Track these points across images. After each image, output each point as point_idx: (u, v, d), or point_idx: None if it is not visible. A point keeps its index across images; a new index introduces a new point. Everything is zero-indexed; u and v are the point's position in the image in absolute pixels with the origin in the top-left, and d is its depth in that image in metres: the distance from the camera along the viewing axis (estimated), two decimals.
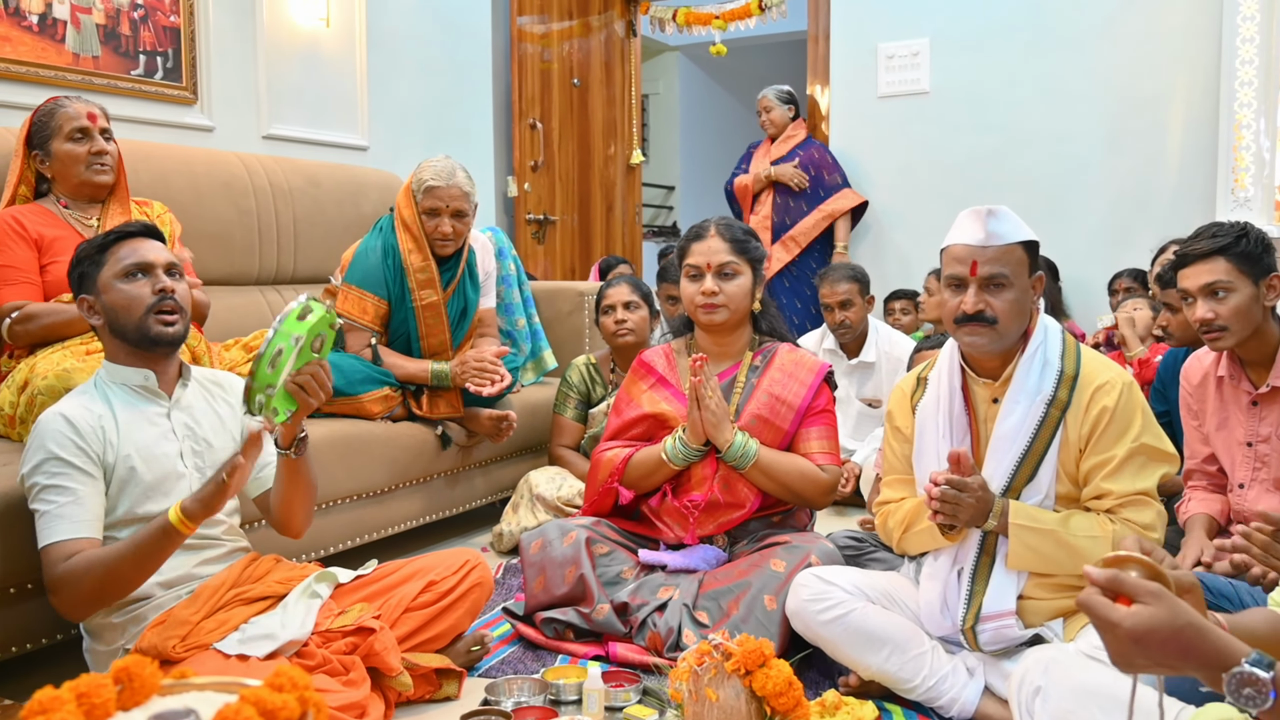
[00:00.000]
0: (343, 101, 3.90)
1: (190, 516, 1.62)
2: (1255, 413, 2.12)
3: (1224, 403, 2.18)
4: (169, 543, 1.64)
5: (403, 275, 2.81)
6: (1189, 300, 2.10)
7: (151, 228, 1.84)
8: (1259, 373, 2.11)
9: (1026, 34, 4.55)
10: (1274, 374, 2.07)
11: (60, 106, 2.33)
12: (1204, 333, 2.07)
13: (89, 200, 2.38)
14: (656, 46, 7.61)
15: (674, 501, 2.27)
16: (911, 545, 1.95)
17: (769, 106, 4.84)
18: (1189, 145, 4.28)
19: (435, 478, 2.93)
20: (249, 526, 2.26)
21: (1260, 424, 2.11)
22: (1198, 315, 2.06)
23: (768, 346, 2.36)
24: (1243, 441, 2.13)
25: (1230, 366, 2.17)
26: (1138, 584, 0.92)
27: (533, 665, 2.11)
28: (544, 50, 5.01)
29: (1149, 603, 0.91)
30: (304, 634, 1.72)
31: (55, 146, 2.32)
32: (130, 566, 1.63)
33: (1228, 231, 2.08)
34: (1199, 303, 2.06)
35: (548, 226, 5.11)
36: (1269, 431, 2.09)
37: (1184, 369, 2.31)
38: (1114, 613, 0.91)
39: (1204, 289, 2.05)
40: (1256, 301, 2.05)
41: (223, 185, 2.98)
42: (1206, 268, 2.06)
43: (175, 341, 1.79)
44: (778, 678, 1.48)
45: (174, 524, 1.61)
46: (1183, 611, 0.91)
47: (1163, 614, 0.90)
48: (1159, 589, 0.92)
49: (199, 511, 1.62)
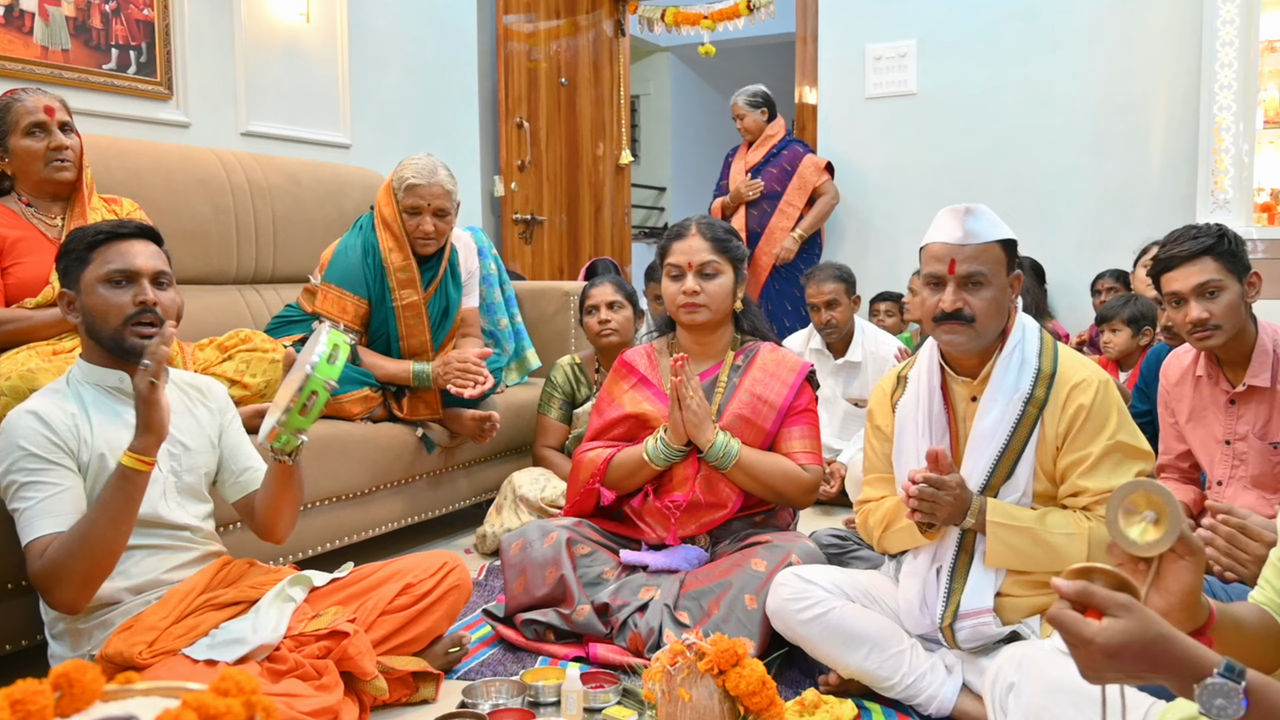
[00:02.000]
0: (324, 98, 3.87)
1: (143, 450, 1.58)
2: (1233, 411, 2.13)
3: (1202, 401, 2.19)
4: (134, 488, 1.59)
5: (383, 274, 2.78)
6: (1178, 303, 2.10)
7: (149, 230, 1.79)
8: (1236, 372, 2.12)
9: (1012, 37, 4.56)
10: (1250, 373, 2.08)
11: (16, 100, 2.26)
12: (1196, 333, 2.07)
13: (52, 198, 2.32)
14: (648, 47, 7.59)
15: (656, 502, 2.26)
16: (891, 543, 1.95)
17: (740, 114, 4.71)
18: (1170, 148, 4.30)
19: (417, 479, 2.91)
20: (224, 529, 2.24)
21: (1238, 422, 2.12)
22: (1192, 316, 2.06)
23: (749, 346, 2.35)
24: (1221, 440, 2.14)
25: (1208, 366, 2.18)
26: (1107, 596, 0.92)
27: (513, 667, 2.09)
28: (531, 49, 5.00)
29: (1119, 615, 0.90)
30: (276, 638, 1.70)
31: (13, 142, 2.25)
32: (107, 527, 1.58)
33: (1208, 232, 2.08)
34: (1191, 304, 2.06)
35: (535, 226, 5.09)
36: (1246, 430, 2.10)
37: (1164, 367, 2.32)
38: (1086, 629, 0.91)
39: (1196, 289, 2.05)
40: (1242, 299, 2.06)
41: (199, 183, 2.95)
42: (1196, 268, 2.06)
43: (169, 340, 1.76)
44: (751, 677, 1.46)
45: (130, 466, 1.57)
46: (1153, 623, 0.90)
47: (1134, 627, 0.90)
48: (1128, 600, 0.91)
49: (149, 442, 1.58)
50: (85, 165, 2.35)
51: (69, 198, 2.34)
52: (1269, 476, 2.06)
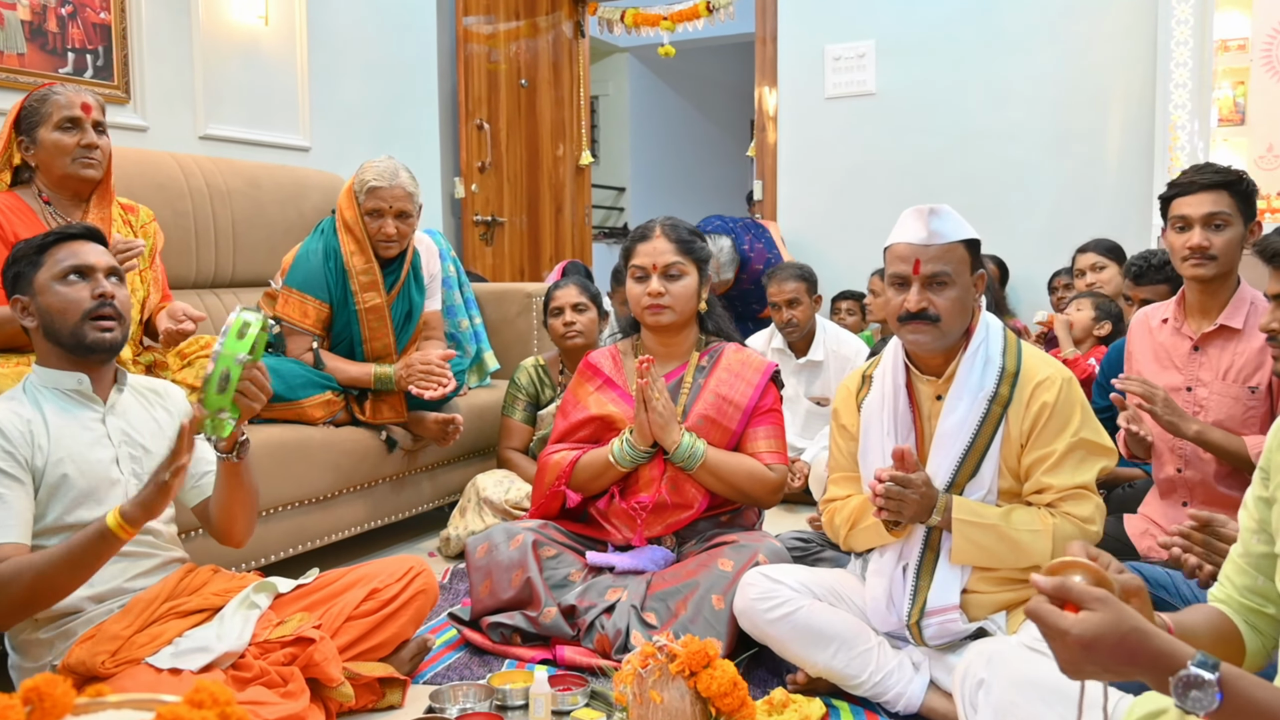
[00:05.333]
0: (283, 101, 3.82)
1: (131, 521, 1.55)
2: (1195, 358, 2.18)
3: (1164, 350, 2.24)
4: (106, 548, 1.57)
5: (345, 278, 2.76)
6: (1182, 229, 2.14)
7: (94, 231, 1.78)
8: (1200, 321, 2.18)
9: (970, 37, 4.62)
10: (1225, 314, 2.14)
11: (53, 93, 2.22)
12: (1192, 259, 2.12)
13: (72, 196, 2.27)
14: (606, 48, 7.59)
15: (622, 503, 2.26)
16: (857, 541, 1.96)
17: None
18: (1127, 146, 4.39)
19: (380, 483, 2.89)
20: (186, 536, 2.20)
21: (1200, 369, 2.17)
22: (1194, 241, 2.11)
23: (714, 346, 2.36)
24: (1181, 387, 2.19)
25: (1176, 311, 2.24)
26: (1084, 590, 0.93)
27: (479, 671, 2.08)
28: (491, 50, 4.97)
29: (1095, 609, 0.92)
30: (240, 646, 1.68)
31: (43, 134, 2.21)
32: (63, 572, 1.56)
33: (1227, 171, 2.15)
34: (1196, 230, 2.11)
35: (496, 228, 5.07)
36: (1210, 376, 2.15)
37: (1131, 324, 2.37)
38: (1062, 620, 0.92)
39: (1205, 218, 2.11)
40: (1241, 242, 2.13)
41: (157, 187, 2.90)
42: (1211, 198, 2.12)
43: (113, 348, 1.74)
44: (722, 678, 1.47)
45: (113, 529, 1.54)
46: (1128, 616, 0.92)
47: (1109, 619, 0.91)
48: (1105, 594, 0.93)
49: (139, 515, 1.55)
50: (111, 167, 2.32)
51: (89, 199, 2.29)
52: (1234, 420, 2.11)
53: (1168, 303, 2.29)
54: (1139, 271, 2.94)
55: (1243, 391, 2.11)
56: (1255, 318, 2.12)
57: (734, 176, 9.43)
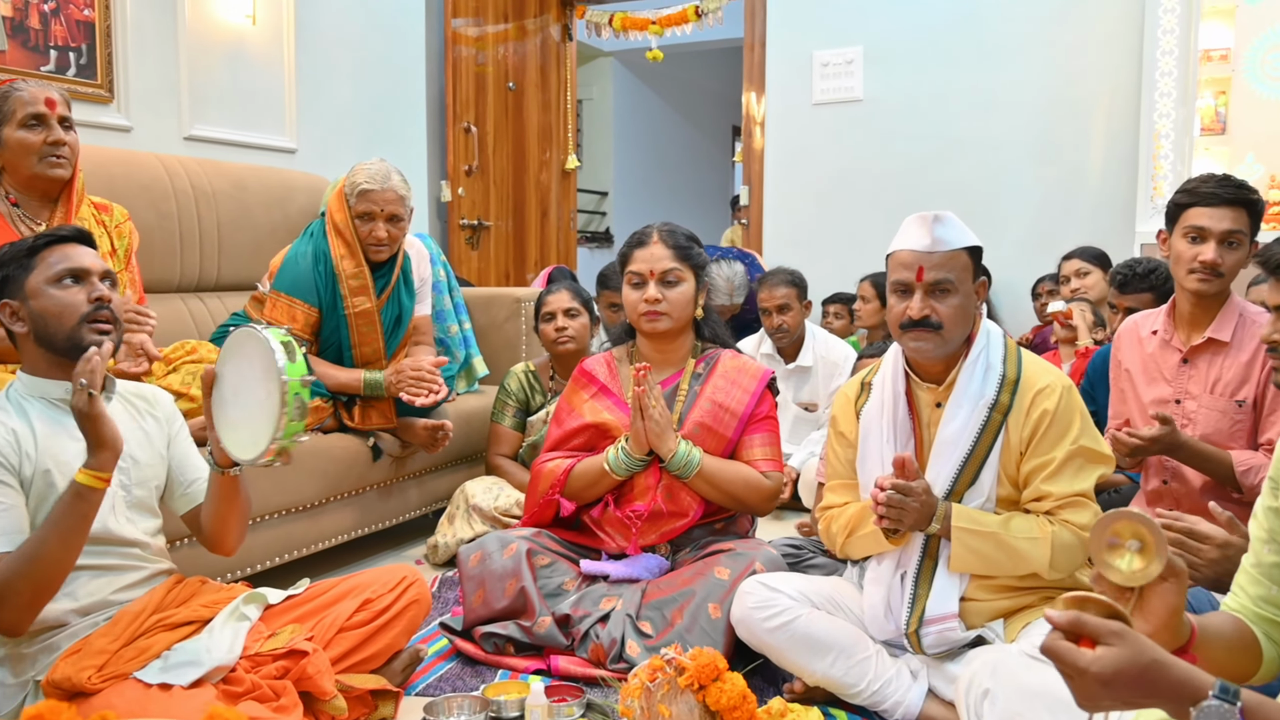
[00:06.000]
0: (270, 102, 3.77)
1: (99, 467, 1.53)
2: (1184, 371, 2.17)
3: (1154, 362, 2.23)
4: (88, 506, 1.54)
5: (334, 282, 2.72)
6: (1195, 239, 2.09)
7: (84, 233, 1.73)
8: (1189, 333, 2.17)
9: (957, 45, 4.64)
10: (1214, 326, 2.12)
11: (15, 90, 2.15)
12: (1200, 273, 2.08)
13: (41, 197, 2.21)
14: (591, 52, 7.57)
15: (616, 511, 2.24)
16: (855, 549, 1.95)
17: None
18: (1111, 154, 4.42)
19: (368, 490, 2.85)
20: (173, 545, 2.16)
21: (1189, 382, 2.16)
22: (1209, 257, 2.06)
23: (710, 353, 2.34)
24: (1170, 399, 2.18)
25: (1166, 323, 2.22)
26: (1099, 625, 0.92)
27: (472, 682, 2.05)
28: (479, 53, 4.94)
29: (1112, 644, 0.91)
30: (231, 659, 1.64)
31: (7, 133, 2.13)
32: (57, 546, 1.52)
33: (1249, 188, 2.10)
34: (1211, 244, 2.07)
35: (482, 232, 5.03)
36: (1198, 390, 2.14)
37: (1119, 333, 2.35)
38: (1080, 658, 0.91)
39: (1224, 234, 2.07)
40: (1247, 261, 2.10)
41: (141, 188, 2.85)
42: (1231, 214, 2.07)
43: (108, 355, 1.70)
44: (732, 692, 1.45)
45: (85, 484, 1.52)
46: (1146, 649, 0.91)
47: (1127, 654, 0.90)
48: (1120, 628, 0.92)
49: (105, 458, 1.53)
50: (79, 167, 2.25)
51: (58, 199, 2.22)
52: (1221, 434, 2.10)
53: (1156, 312, 2.28)
54: (1124, 280, 2.95)
55: (1230, 405, 2.10)
56: (1243, 330, 2.11)
57: (716, 182, 9.43)
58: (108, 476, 1.54)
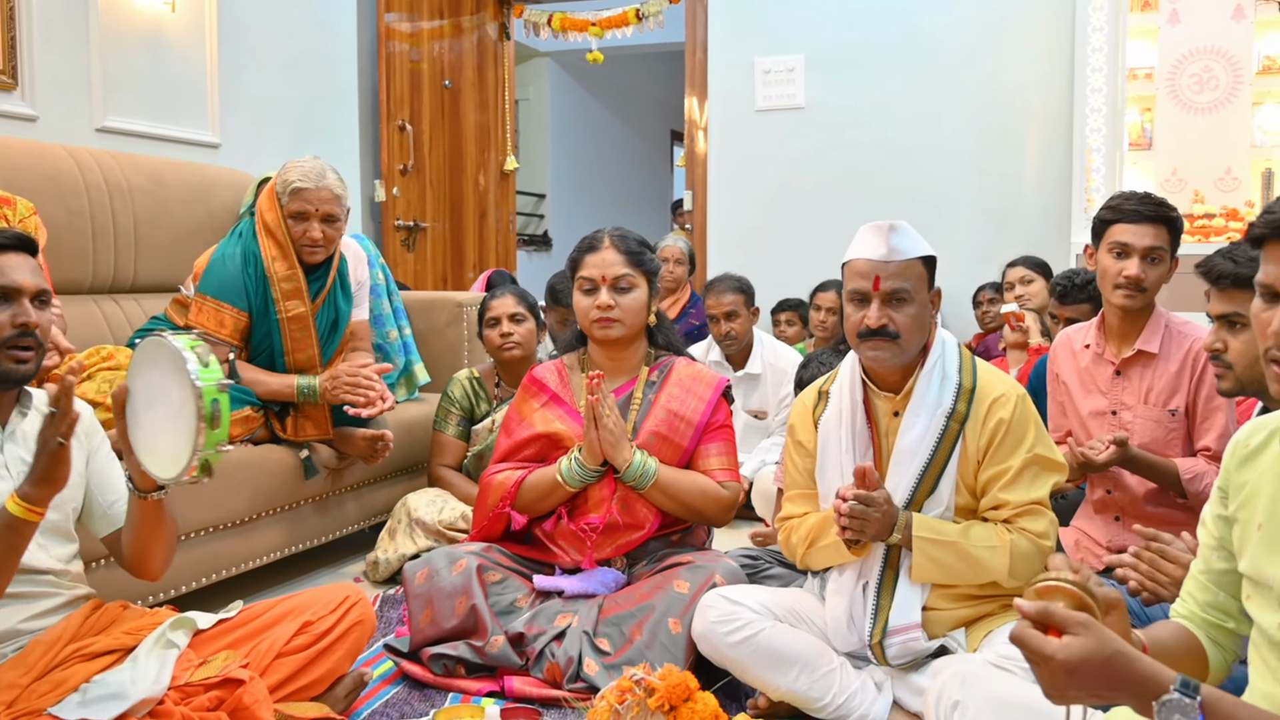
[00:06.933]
0: (190, 94, 3.59)
1: (34, 500, 1.42)
2: (1118, 382, 2.22)
3: (1089, 376, 2.27)
4: (19, 539, 1.44)
5: (265, 285, 2.58)
6: (1120, 255, 2.16)
7: (26, 240, 1.59)
8: (1120, 345, 2.22)
9: (897, 56, 4.69)
10: (1142, 338, 2.18)
11: None
12: (1125, 289, 2.14)
13: None
14: (527, 52, 7.47)
15: (570, 524, 2.16)
16: (816, 560, 1.93)
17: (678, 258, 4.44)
18: (1046, 166, 4.52)
19: (302, 504, 2.71)
20: (90, 566, 2.01)
21: (1124, 393, 2.21)
22: (1133, 272, 2.12)
23: (664, 361, 2.29)
24: (1106, 411, 2.23)
25: (1097, 336, 2.27)
26: (1067, 615, 0.95)
27: (420, 706, 1.95)
28: (413, 49, 4.81)
29: (1079, 633, 0.93)
30: (159, 690, 1.52)
31: None
32: None
33: (1171, 206, 2.17)
34: (1135, 261, 2.13)
35: (418, 233, 4.90)
36: (1133, 400, 2.20)
37: (1054, 345, 2.40)
38: (1046, 645, 0.93)
39: (1146, 250, 2.14)
40: (1169, 274, 2.18)
41: (48, 180, 2.66)
42: (1153, 231, 2.14)
43: (23, 380, 1.57)
44: (704, 712, 1.40)
45: (16, 514, 1.41)
46: (1110, 640, 0.93)
47: (1092, 644, 0.93)
48: (1087, 619, 0.95)
49: (43, 492, 1.43)
50: None
51: None
52: (1158, 443, 2.16)
53: (1088, 325, 2.33)
54: (1064, 291, 2.99)
55: (1164, 414, 2.17)
56: (1170, 342, 2.18)
57: (655, 186, 9.41)
58: (42, 512, 1.43)
